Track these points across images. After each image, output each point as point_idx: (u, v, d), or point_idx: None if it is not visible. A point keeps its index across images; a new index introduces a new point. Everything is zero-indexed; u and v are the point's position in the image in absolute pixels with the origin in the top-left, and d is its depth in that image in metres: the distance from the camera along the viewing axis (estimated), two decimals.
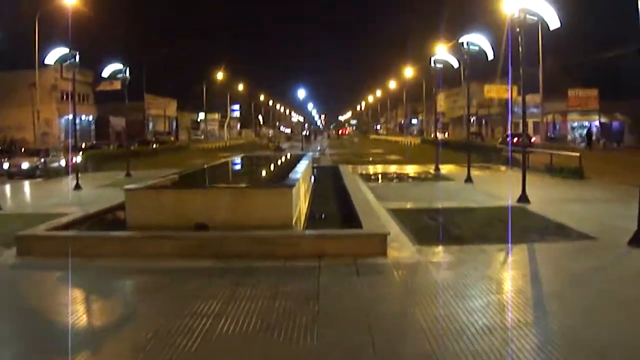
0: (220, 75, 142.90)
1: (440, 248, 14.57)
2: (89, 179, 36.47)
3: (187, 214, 15.57)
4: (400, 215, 19.32)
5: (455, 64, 36.23)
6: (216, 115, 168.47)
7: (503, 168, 40.11)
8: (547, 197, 24.19)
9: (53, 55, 33.66)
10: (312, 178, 29.74)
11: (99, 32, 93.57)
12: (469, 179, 30.81)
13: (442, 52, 37.57)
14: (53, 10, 65.17)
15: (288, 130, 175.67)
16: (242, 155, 38.66)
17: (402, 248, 14.37)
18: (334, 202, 22.33)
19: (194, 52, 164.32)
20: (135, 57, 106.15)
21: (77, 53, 33.46)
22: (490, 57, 30.24)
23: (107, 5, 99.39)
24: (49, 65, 38.88)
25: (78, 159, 41.09)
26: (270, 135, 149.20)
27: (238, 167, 29.25)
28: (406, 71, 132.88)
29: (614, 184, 29.56)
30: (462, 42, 30.25)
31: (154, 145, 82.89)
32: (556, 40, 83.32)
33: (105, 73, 39.88)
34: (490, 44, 30.36)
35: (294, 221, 15.76)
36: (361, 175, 36.08)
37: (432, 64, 37.38)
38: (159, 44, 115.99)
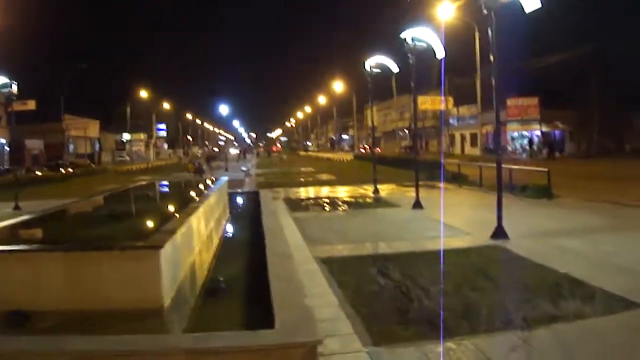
0: (144, 94, 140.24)
1: (412, 353, 8.54)
2: None
3: (2, 293, 9.74)
4: (337, 270, 13.48)
5: (395, 68, 30.84)
6: (142, 136, 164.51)
7: (451, 187, 34.72)
8: (525, 228, 18.77)
9: None
10: (227, 212, 24.66)
11: (10, 47, 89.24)
12: (417, 204, 25.42)
13: (377, 57, 31.85)
14: None
15: (216, 149, 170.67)
16: (145, 182, 32.68)
17: (345, 356, 8.57)
18: (247, 252, 16.60)
19: (116, 71, 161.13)
20: (53, 75, 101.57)
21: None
22: (441, 55, 24.85)
23: (20, 19, 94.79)
24: None
25: None
26: (189, 155, 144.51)
27: (123, 202, 23.40)
28: (335, 85, 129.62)
29: (589, 202, 26.14)
30: (405, 38, 24.77)
31: (66, 170, 76.93)
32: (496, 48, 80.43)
33: None
34: (441, 41, 25.00)
35: (166, 304, 9.96)
36: (288, 201, 30.33)
37: (367, 70, 32.07)
38: (77, 61, 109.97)
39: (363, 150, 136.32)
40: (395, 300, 11.08)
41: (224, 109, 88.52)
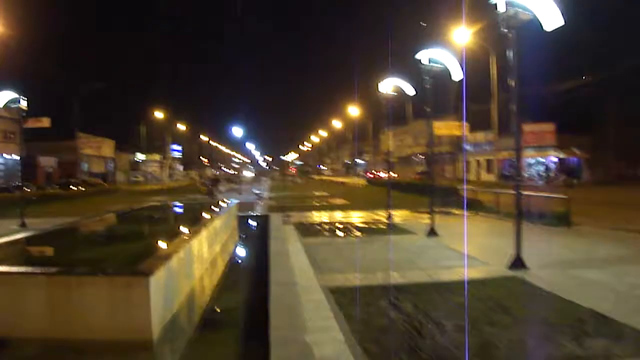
0: (159, 115, 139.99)
1: None
2: None
3: None
4: (345, 302, 12.61)
5: (410, 91, 29.97)
6: (157, 156, 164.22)
7: (467, 214, 33.77)
8: (544, 257, 17.83)
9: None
10: (235, 235, 23.90)
11: (26, 64, 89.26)
12: (432, 232, 24.43)
13: (393, 79, 30.99)
14: None
15: (232, 172, 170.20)
16: (152, 204, 32.04)
17: None
18: (251, 280, 15.74)
19: (132, 91, 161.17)
20: (68, 93, 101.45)
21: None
22: (458, 77, 24.00)
23: (36, 40, 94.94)
24: None
25: None
26: (202, 176, 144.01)
27: (125, 223, 22.71)
28: (352, 110, 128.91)
29: (609, 230, 25.11)
30: (421, 59, 23.96)
31: (78, 188, 76.75)
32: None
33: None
34: (458, 62, 24.14)
35: (156, 335, 9.17)
36: (299, 226, 29.26)
37: (382, 92, 31.27)
38: (93, 80, 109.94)
39: (371, 175, 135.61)
40: (407, 336, 10.24)
41: (238, 131, 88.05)
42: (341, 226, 29.47)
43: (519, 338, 10.07)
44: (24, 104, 34.51)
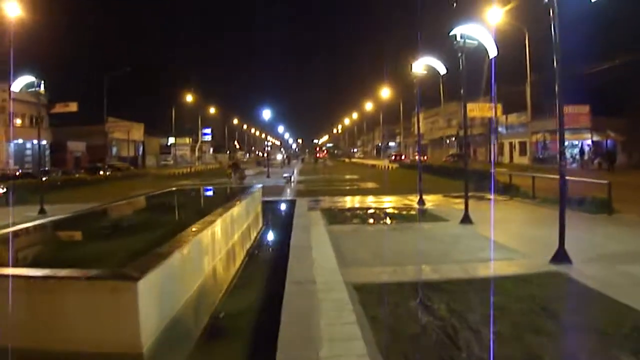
0: (190, 98, 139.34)
1: None
2: None
3: None
4: (371, 302, 11.29)
5: (442, 70, 28.62)
6: (187, 140, 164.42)
7: (501, 198, 32.35)
8: (588, 250, 16.36)
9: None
10: (259, 222, 22.71)
11: (53, 48, 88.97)
12: (466, 218, 22.99)
13: (425, 58, 29.63)
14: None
15: (263, 155, 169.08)
16: (172, 189, 30.78)
17: None
18: (269, 276, 14.44)
19: (160, 75, 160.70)
20: (97, 77, 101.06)
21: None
22: (493, 53, 22.58)
23: (64, 25, 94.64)
24: None
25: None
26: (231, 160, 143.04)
27: (136, 211, 21.59)
28: (383, 92, 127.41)
29: None
30: (456, 35, 22.50)
31: (105, 173, 76.05)
32: (543, 56, 78.01)
33: (16, 87, 32.70)
34: (495, 39, 22.73)
35: (146, 348, 7.93)
36: (326, 212, 28.04)
37: (414, 71, 29.93)
38: (121, 65, 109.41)
39: (394, 158, 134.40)
40: (440, 347, 8.91)
41: (267, 114, 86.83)
42: (370, 212, 28.21)
43: (570, 351, 8.76)
44: (42, 88, 33.22)
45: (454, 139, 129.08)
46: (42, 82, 33.00)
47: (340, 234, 20.50)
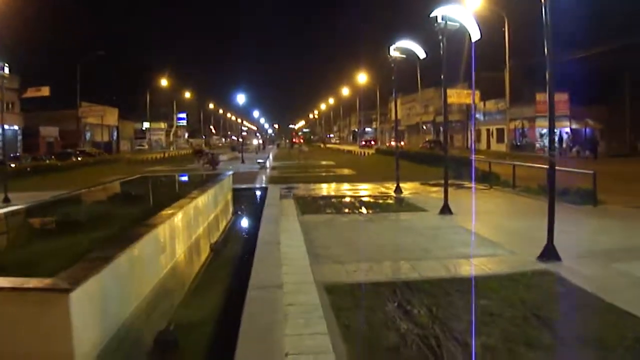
0: (164, 82, 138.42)
1: None
2: None
3: None
4: (344, 306, 10.23)
5: (422, 54, 27.59)
6: (162, 125, 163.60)
7: (481, 187, 31.39)
8: (577, 245, 15.33)
9: None
10: (229, 213, 21.60)
11: (25, 32, 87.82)
12: (446, 209, 21.86)
13: (404, 41, 28.56)
14: None
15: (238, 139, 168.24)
16: (136, 177, 29.64)
17: None
18: (232, 276, 13.17)
19: (135, 59, 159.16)
20: (68, 61, 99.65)
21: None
22: (476, 36, 21.52)
23: (36, 7, 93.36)
24: None
25: None
26: (197, 144, 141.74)
27: (94, 202, 20.34)
28: (360, 77, 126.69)
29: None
30: (436, 17, 21.38)
31: (76, 158, 74.61)
32: (522, 42, 77.24)
33: None
34: (477, 23, 21.66)
35: None
36: (299, 200, 27.06)
37: (391, 54, 28.85)
38: (94, 49, 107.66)
39: (363, 143, 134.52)
40: None
41: (241, 98, 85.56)
42: (345, 201, 27.19)
43: None
44: (6, 70, 31.87)
45: (430, 125, 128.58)
46: (5, 64, 31.69)
47: (313, 226, 19.43)
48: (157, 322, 9.38)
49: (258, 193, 30.04)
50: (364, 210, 23.91)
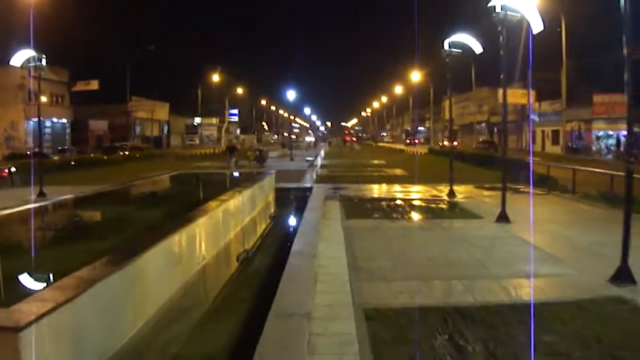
0: (216, 78, 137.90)
1: None
2: None
3: None
4: (387, 338, 8.64)
5: (478, 48, 25.94)
6: (214, 120, 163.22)
7: (539, 192, 29.60)
8: None
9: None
10: (266, 217, 20.15)
11: (76, 27, 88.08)
12: (503, 217, 20.03)
13: (460, 35, 26.87)
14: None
15: (292, 137, 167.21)
16: (176, 173, 28.37)
17: None
18: (265, 291, 11.59)
19: (186, 54, 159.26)
20: (118, 55, 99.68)
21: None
22: (538, 29, 19.77)
23: (87, 2, 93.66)
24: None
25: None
26: (245, 142, 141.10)
27: (129, 199, 19.17)
28: (413, 75, 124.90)
29: None
30: (495, 6, 19.68)
31: (123, 152, 74.10)
32: (577, 42, 74.97)
33: (17, 62, 30.66)
34: (539, 13, 19.91)
35: None
36: (346, 202, 25.52)
37: (446, 50, 27.13)
38: (146, 44, 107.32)
39: (408, 142, 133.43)
40: None
41: (291, 94, 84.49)
42: (395, 204, 25.53)
43: None
44: (43, 62, 31.00)
45: (484, 125, 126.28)
46: (43, 56, 30.85)
47: (357, 232, 17.87)
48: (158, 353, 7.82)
49: (303, 193, 28.47)
50: (414, 215, 22.32)
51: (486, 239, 16.93)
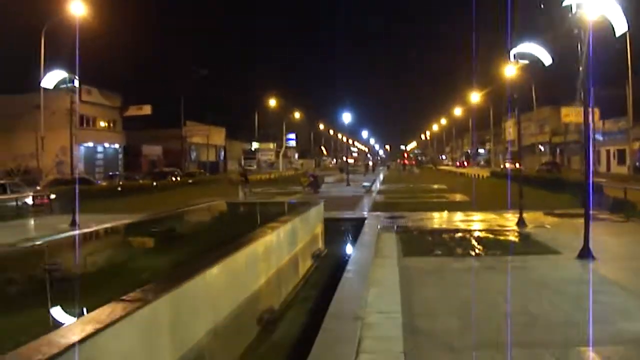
0: (273, 102, 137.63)
1: None
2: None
3: None
4: None
5: (547, 59, 23.26)
6: (271, 145, 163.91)
7: (616, 218, 26.88)
8: None
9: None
10: (308, 257, 17.70)
11: (130, 52, 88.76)
12: (586, 252, 16.97)
13: (527, 44, 24.18)
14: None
15: (351, 161, 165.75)
16: (216, 202, 26.16)
17: None
18: None
19: (241, 78, 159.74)
20: (173, 80, 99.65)
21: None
22: (622, 30, 17.04)
23: (141, 27, 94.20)
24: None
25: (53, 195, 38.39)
26: (303, 167, 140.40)
27: (157, 234, 16.78)
28: (472, 97, 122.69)
29: None
30: (571, 6, 16.93)
31: (174, 178, 74.70)
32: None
33: (49, 84, 29.04)
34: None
35: None
36: (404, 234, 22.93)
37: (512, 60, 24.42)
38: (199, 68, 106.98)
39: (458, 164, 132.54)
40: None
41: (347, 117, 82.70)
42: (459, 236, 22.68)
43: None
44: (76, 83, 28.89)
45: (546, 146, 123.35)
46: (76, 77, 30.96)
47: (417, 276, 15.10)
48: None
49: (357, 223, 25.69)
50: (481, 250, 19.31)
51: (571, 284, 13.97)
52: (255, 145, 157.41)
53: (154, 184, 62.84)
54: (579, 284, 13.91)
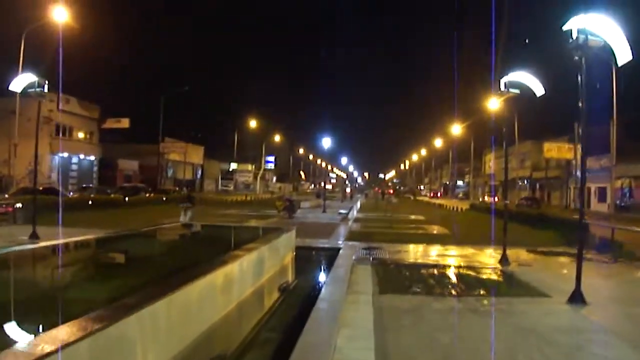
0: (253, 124, 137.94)
1: None
2: None
3: None
4: None
5: (539, 90, 22.09)
6: (249, 167, 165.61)
7: (602, 258, 25.63)
8: None
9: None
10: (273, 289, 16.26)
11: (110, 65, 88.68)
12: (577, 296, 15.65)
13: (518, 73, 22.92)
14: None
15: (328, 187, 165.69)
16: (178, 224, 24.94)
17: None
18: None
19: (220, 97, 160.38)
20: (153, 96, 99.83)
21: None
22: (625, 58, 15.73)
23: (121, 43, 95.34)
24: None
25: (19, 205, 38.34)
26: (280, 191, 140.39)
27: (93, 263, 15.56)
28: (453, 128, 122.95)
29: None
30: (571, 30, 15.66)
31: (147, 194, 75.57)
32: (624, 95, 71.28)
33: (17, 87, 27.88)
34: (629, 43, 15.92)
35: None
36: (380, 267, 21.47)
37: (502, 89, 23.11)
38: (180, 84, 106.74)
39: (431, 195, 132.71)
40: None
41: (326, 142, 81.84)
42: (438, 272, 21.27)
43: None
44: (45, 89, 28.37)
45: (526, 181, 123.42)
46: (46, 82, 28.41)
47: (393, 317, 13.64)
48: None
49: (331, 253, 24.32)
50: (463, 290, 17.84)
51: (563, 333, 12.53)
52: (233, 165, 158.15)
53: (126, 199, 62.37)
54: (571, 333, 12.51)
